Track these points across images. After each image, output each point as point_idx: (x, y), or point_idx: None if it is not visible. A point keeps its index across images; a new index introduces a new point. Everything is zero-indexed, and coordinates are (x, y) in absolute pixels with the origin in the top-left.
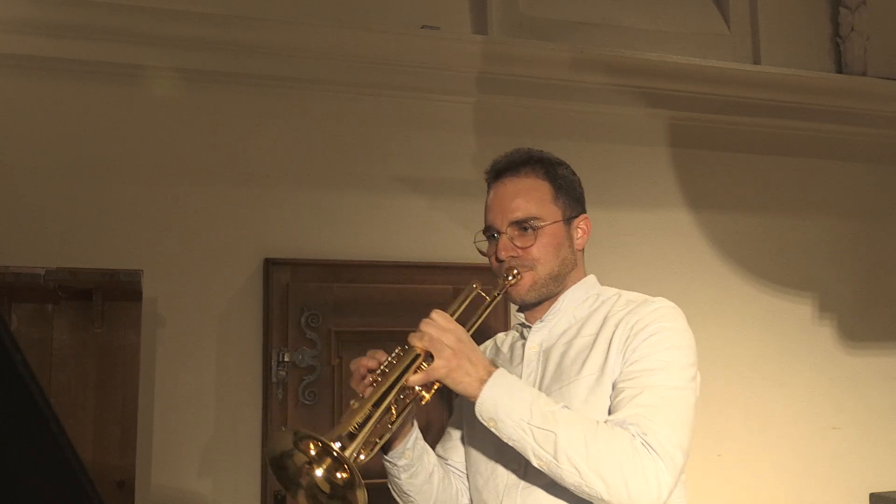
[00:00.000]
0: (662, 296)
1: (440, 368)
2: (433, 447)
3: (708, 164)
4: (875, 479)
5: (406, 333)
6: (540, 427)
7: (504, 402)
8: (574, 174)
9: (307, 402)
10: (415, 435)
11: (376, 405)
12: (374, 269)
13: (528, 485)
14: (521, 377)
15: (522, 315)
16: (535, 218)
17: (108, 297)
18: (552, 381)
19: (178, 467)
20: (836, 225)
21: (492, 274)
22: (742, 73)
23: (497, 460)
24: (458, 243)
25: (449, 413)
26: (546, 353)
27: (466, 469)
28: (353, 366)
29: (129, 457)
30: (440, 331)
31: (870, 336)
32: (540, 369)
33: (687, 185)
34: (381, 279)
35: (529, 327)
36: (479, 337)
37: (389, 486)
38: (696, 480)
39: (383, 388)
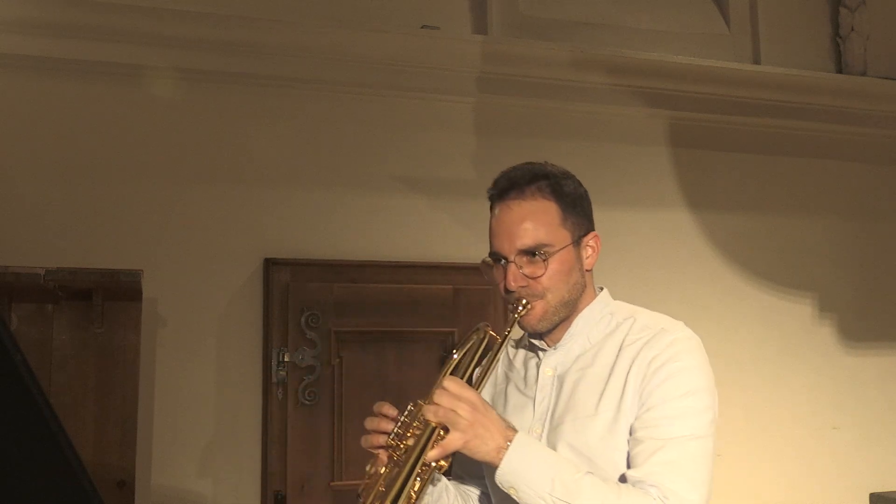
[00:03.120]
0: (663, 296)
1: (456, 441)
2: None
3: (708, 164)
4: (875, 479)
5: (406, 333)
6: (562, 499)
7: (524, 473)
8: (580, 186)
9: (307, 402)
10: (434, 489)
11: (403, 485)
12: (374, 269)
13: None
14: (534, 401)
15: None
16: (544, 245)
17: (108, 297)
18: (565, 412)
19: (178, 467)
20: (836, 225)
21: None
22: (742, 73)
23: None
24: (458, 243)
25: None
26: (560, 379)
27: (489, 486)
28: (369, 425)
29: (129, 457)
30: (454, 401)
31: (870, 336)
32: (553, 396)
33: (687, 185)
34: (381, 279)
35: (544, 350)
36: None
37: None
38: None
39: (406, 470)
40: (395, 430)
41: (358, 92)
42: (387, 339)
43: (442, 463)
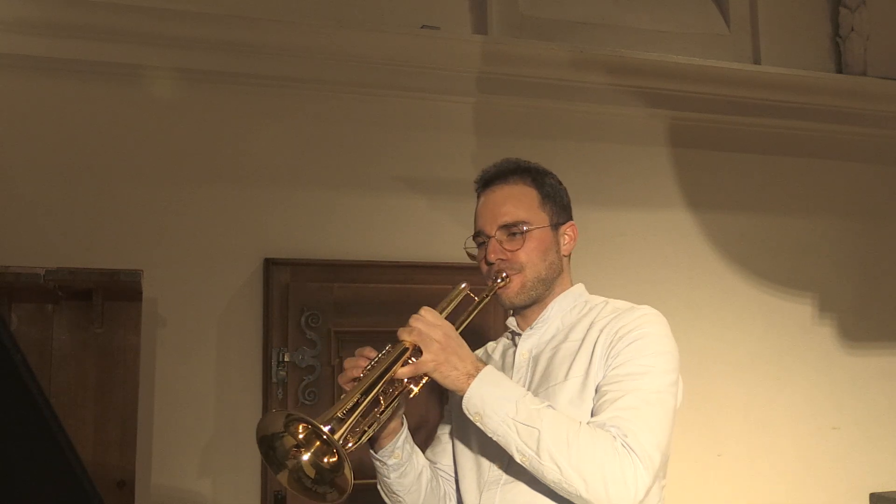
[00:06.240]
0: (663, 296)
1: (428, 362)
2: (424, 451)
3: (708, 164)
4: (875, 479)
5: None
6: (524, 423)
7: (491, 398)
8: (561, 184)
9: (307, 403)
10: (404, 434)
11: (365, 394)
12: (374, 269)
13: (510, 479)
14: None
15: (514, 322)
16: (523, 222)
17: (108, 297)
18: (539, 384)
19: (178, 467)
20: (836, 225)
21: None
22: (742, 73)
23: (481, 456)
24: (458, 243)
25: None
26: (535, 359)
27: (454, 471)
28: (347, 364)
29: (129, 457)
30: (428, 326)
31: (870, 336)
32: (529, 374)
33: (687, 185)
34: (381, 279)
35: (520, 334)
36: (473, 341)
37: (379, 487)
38: (696, 480)
39: (372, 378)
40: (370, 364)
41: (358, 92)
42: (387, 339)
43: (412, 388)
